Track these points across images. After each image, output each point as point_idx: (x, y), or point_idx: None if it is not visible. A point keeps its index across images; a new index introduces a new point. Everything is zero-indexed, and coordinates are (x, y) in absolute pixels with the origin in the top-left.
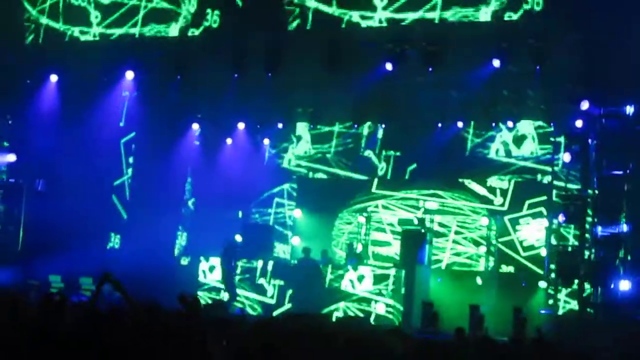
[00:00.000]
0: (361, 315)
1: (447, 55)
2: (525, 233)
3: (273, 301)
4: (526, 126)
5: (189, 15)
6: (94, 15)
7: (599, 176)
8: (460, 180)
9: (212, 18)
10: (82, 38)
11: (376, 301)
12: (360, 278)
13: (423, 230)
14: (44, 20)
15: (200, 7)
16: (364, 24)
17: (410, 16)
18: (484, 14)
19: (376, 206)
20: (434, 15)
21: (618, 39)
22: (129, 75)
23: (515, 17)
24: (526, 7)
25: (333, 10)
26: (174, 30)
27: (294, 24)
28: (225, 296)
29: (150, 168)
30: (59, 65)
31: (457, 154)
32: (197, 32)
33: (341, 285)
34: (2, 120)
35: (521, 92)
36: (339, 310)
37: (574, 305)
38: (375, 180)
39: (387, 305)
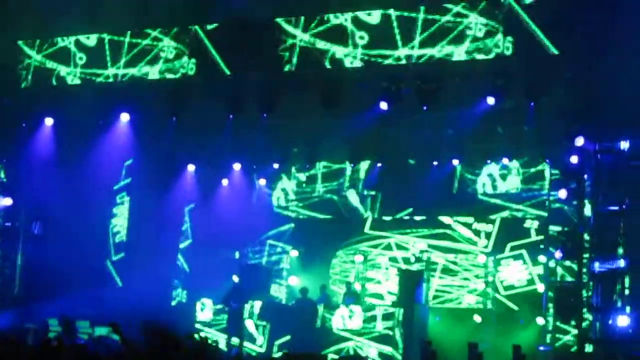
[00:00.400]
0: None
1: (442, 93)
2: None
3: (262, 350)
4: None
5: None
6: (78, 57)
7: (595, 212)
8: (447, 222)
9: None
10: (68, 80)
11: (369, 345)
12: (351, 315)
13: (421, 269)
14: (36, 58)
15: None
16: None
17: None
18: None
19: (375, 246)
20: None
21: (611, 74)
22: (124, 117)
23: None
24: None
25: (319, 45)
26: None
27: (287, 67)
28: (232, 340)
29: (147, 209)
30: (54, 108)
31: (450, 192)
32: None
33: (332, 323)
34: None
35: (516, 128)
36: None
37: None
38: (369, 220)
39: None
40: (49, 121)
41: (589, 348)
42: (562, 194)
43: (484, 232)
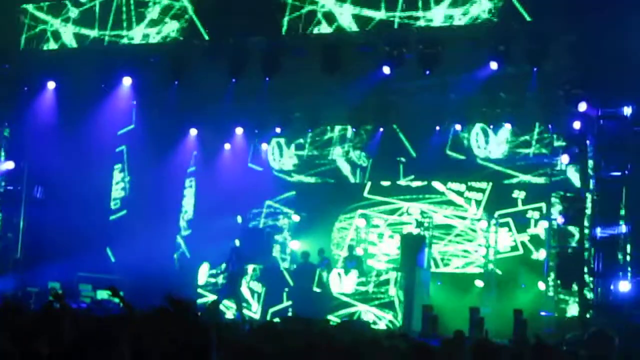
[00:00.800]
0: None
1: (444, 58)
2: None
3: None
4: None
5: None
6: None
7: (597, 177)
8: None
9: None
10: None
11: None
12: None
13: (422, 234)
14: (35, 18)
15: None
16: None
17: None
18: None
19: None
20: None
21: (615, 40)
22: (127, 81)
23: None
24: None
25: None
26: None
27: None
28: (229, 304)
29: (148, 173)
30: (56, 72)
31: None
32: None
33: (329, 282)
34: None
35: (518, 94)
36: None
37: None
38: (368, 185)
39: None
40: (51, 85)
41: (590, 313)
42: (565, 159)
43: (474, 199)
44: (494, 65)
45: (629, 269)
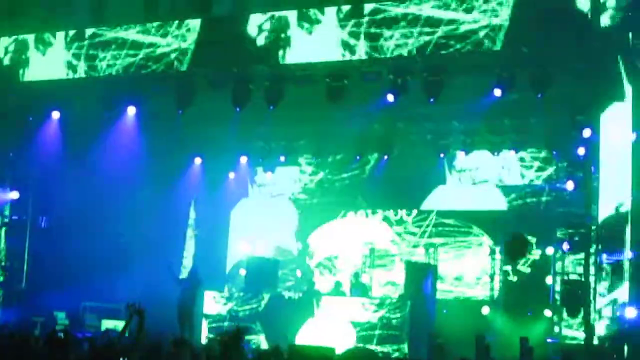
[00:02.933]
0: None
1: (448, 85)
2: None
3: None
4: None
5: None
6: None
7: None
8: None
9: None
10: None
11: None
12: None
13: (428, 262)
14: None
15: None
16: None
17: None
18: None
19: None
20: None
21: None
22: (131, 110)
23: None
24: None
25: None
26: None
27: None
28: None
29: (153, 202)
30: (60, 102)
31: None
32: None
33: None
34: (4, 157)
35: (523, 120)
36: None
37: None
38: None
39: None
40: (55, 115)
41: (596, 340)
42: (569, 185)
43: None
44: (498, 92)
45: (635, 295)
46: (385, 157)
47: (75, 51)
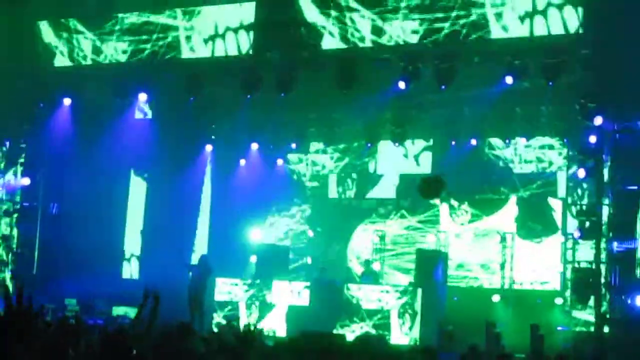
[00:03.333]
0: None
1: (459, 73)
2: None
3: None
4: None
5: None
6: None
7: (613, 191)
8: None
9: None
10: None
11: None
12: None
13: (439, 249)
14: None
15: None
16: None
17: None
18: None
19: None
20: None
21: (631, 53)
22: (142, 97)
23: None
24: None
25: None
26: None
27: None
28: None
29: (164, 190)
30: (72, 88)
31: (470, 171)
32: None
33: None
34: (15, 143)
35: (534, 108)
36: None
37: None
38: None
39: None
40: (67, 101)
41: (607, 328)
42: (581, 173)
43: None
44: (509, 80)
45: None
46: (396, 144)
47: (88, 37)
